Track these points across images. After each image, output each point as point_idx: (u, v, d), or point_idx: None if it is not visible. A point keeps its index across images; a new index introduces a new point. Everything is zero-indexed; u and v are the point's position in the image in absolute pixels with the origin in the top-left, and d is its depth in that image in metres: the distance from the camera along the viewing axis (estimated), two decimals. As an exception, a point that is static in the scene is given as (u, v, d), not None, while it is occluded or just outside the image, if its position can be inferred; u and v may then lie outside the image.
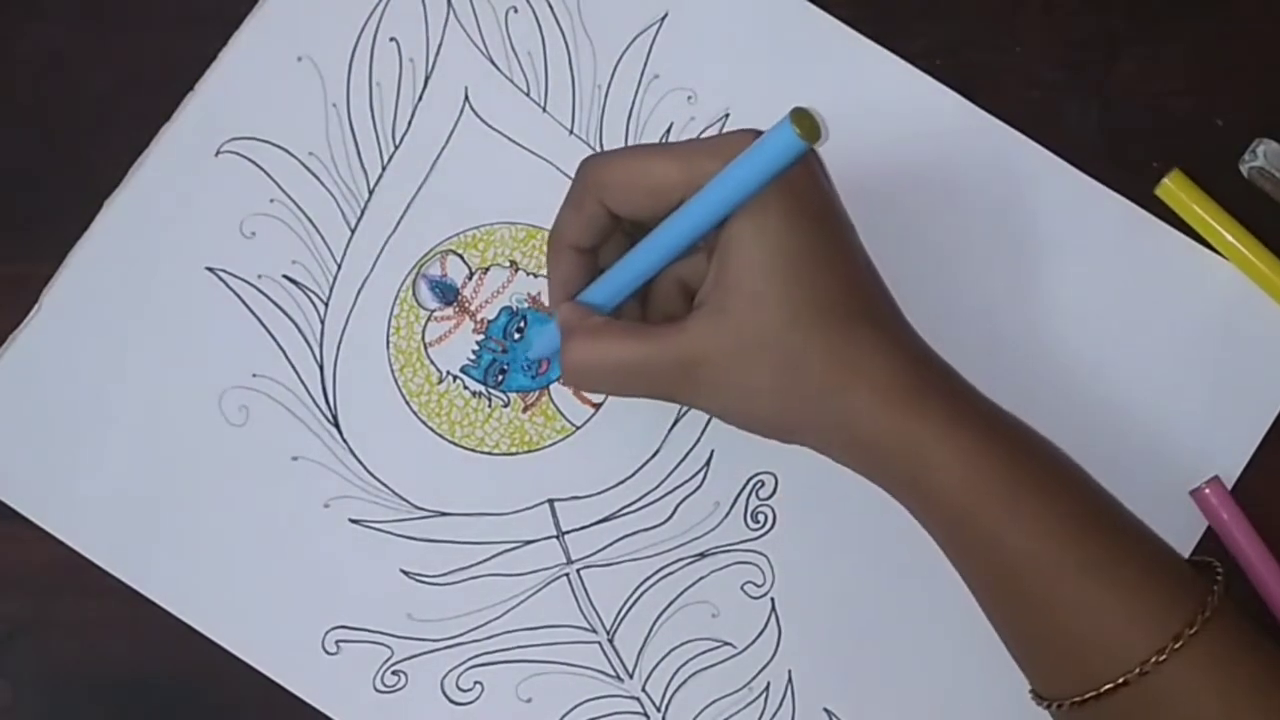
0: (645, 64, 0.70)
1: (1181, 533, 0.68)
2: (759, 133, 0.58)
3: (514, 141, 0.70)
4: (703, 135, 0.70)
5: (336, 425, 0.69)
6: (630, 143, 0.70)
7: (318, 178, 0.70)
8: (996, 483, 0.59)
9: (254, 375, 0.69)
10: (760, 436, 0.63)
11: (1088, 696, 0.58)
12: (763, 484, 0.69)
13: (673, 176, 0.60)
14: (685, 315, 0.61)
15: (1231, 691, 0.58)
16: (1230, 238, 0.69)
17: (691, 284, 0.63)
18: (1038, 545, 0.59)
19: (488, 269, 0.70)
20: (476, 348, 0.70)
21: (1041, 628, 0.60)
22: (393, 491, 0.69)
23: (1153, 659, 0.57)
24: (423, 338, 0.70)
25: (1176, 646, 0.57)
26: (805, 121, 0.56)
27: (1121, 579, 0.59)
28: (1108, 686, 0.58)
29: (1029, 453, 0.61)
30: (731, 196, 0.58)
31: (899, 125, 0.70)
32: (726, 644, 0.68)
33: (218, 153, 0.70)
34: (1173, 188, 0.69)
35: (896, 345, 0.60)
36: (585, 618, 0.68)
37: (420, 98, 0.70)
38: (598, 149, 0.70)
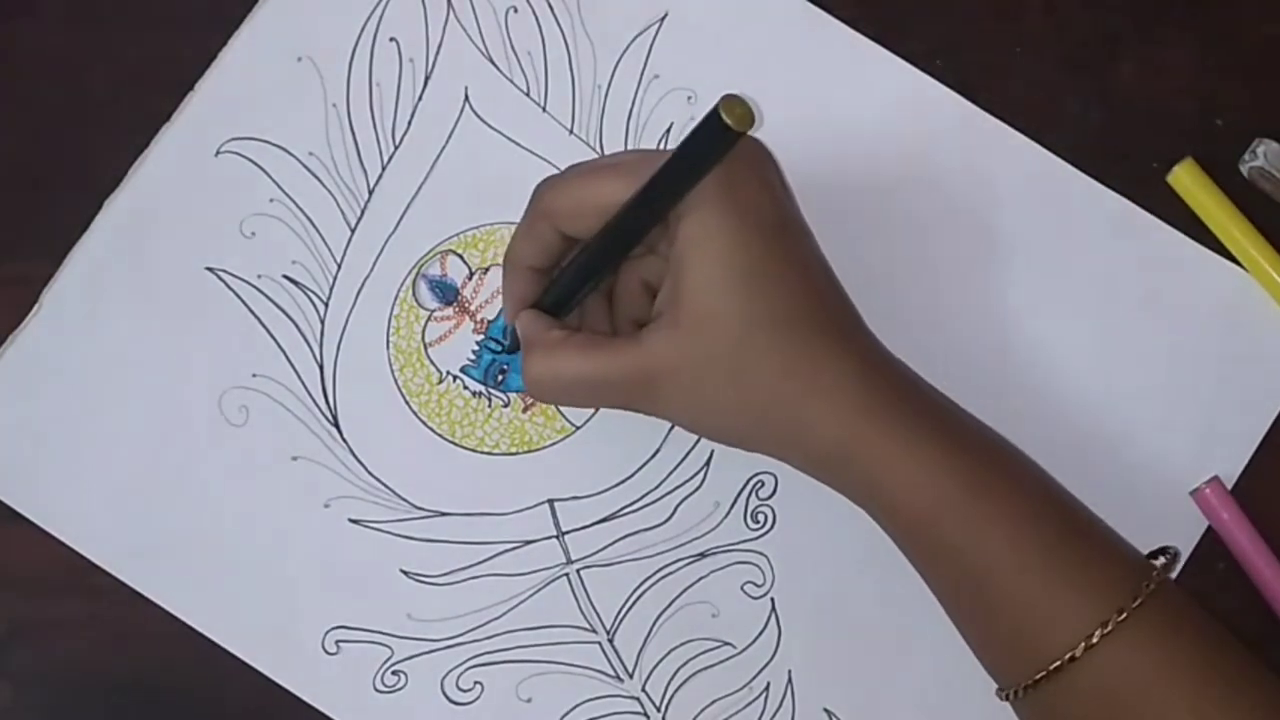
0: (645, 64, 0.70)
1: (1181, 533, 0.68)
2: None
3: (514, 141, 0.70)
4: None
5: (336, 425, 0.69)
6: (630, 144, 0.70)
7: (318, 178, 0.70)
8: (956, 494, 0.60)
9: (254, 375, 0.69)
10: (723, 446, 0.63)
11: (1039, 678, 0.59)
12: (763, 484, 0.69)
13: (620, 194, 0.60)
14: (647, 318, 0.61)
15: (1176, 663, 0.59)
16: (1239, 229, 0.69)
17: (653, 283, 0.63)
18: (999, 552, 0.59)
19: (488, 269, 0.70)
20: (476, 348, 0.70)
21: (1001, 625, 0.60)
22: (393, 491, 0.69)
23: (1097, 632, 0.58)
24: (423, 338, 0.70)
25: (1120, 619, 0.58)
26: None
27: (1074, 568, 0.59)
28: (1055, 665, 0.58)
29: (993, 461, 0.61)
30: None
31: (899, 125, 0.70)
32: (726, 644, 0.68)
33: (218, 153, 0.70)
34: (1184, 177, 0.69)
35: (852, 356, 0.61)
36: (585, 618, 0.68)
37: (420, 98, 0.70)
38: (598, 149, 0.70)
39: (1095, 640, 0.58)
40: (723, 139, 0.56)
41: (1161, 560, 0.62)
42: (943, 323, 0.66)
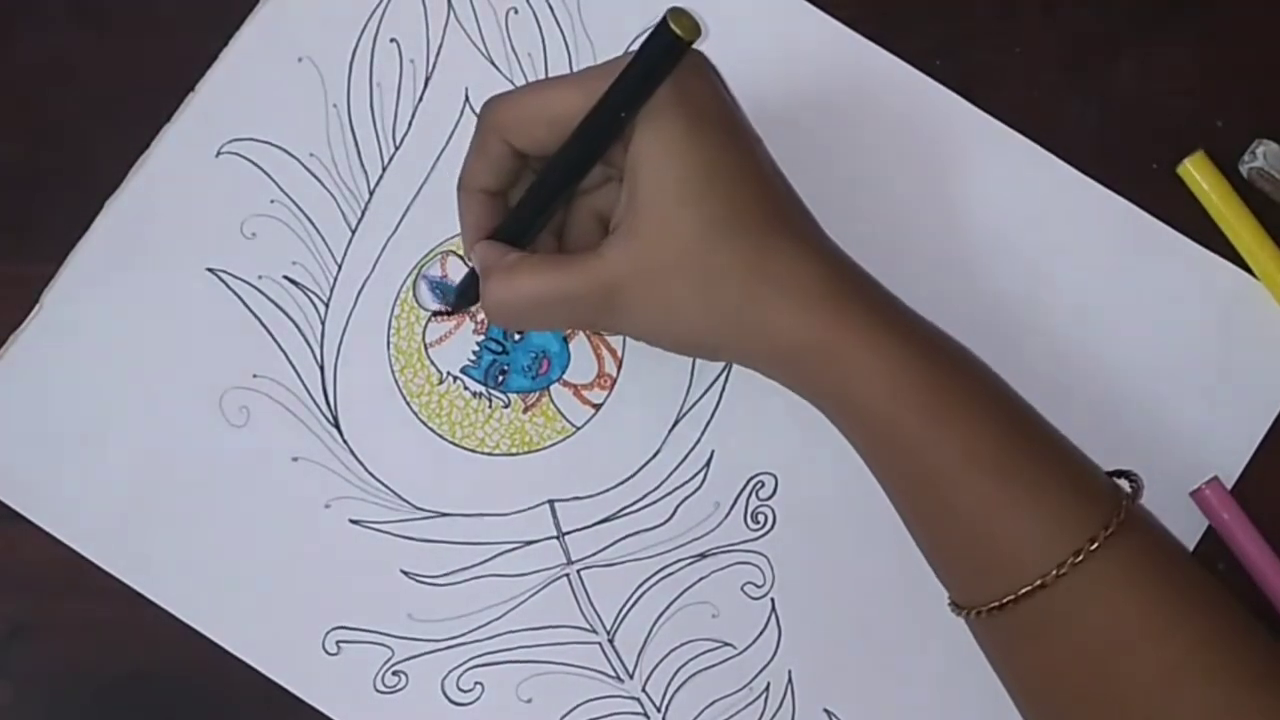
0: (645, 64, 0.70)
1: (1182, 533, 0.67)
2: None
3: (514, 142, 0.70)
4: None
5: (337, 426, 0.69)
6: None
7: (318, 178, 0.70)
8: (920, 390, 0.60)
9: (254, 376, 0.69)
10: (687, 356, 0.64)
11: (1005, 602, 0.59)
12: (763, 484, 0.69)
13: (570, 103, 0.60)
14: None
15: (1143, 597, 0.59)
16: (1246, 225, 0.68)
17: (606, 215, 0.63)
18: (958, 452, 0.59)
19: (488, 269, 0.70)
20: (477, 348, 0.70)
21: (961, 535, 0.60)
22: (393, 492, 0.69)
23: (1068, 562, 0.58)
24: (423, 338, 0.70)
25: (1092, 549, 0.58)
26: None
27: (1038, 486, 0.60)
28: (1025, 590, 0.59)
29: (952, 361, 0.62)
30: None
31: (899, 125, 0.70)
32: (726, 644, 0.68)
33: (218, 153, 0.70)
34: (1192, 170, 0.69)
35: (814, 254, 0.61)
36: (585, 618, 0.68)
37: (421, 98, 0.70)
38: (598, 149, 0.70)
39: (1065, 570, 0.58)
40: (673, 50, 0.57)
41: (1128, 485, 0.62)
42: (940, 323, 0.66)
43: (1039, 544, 0.59)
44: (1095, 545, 0.58)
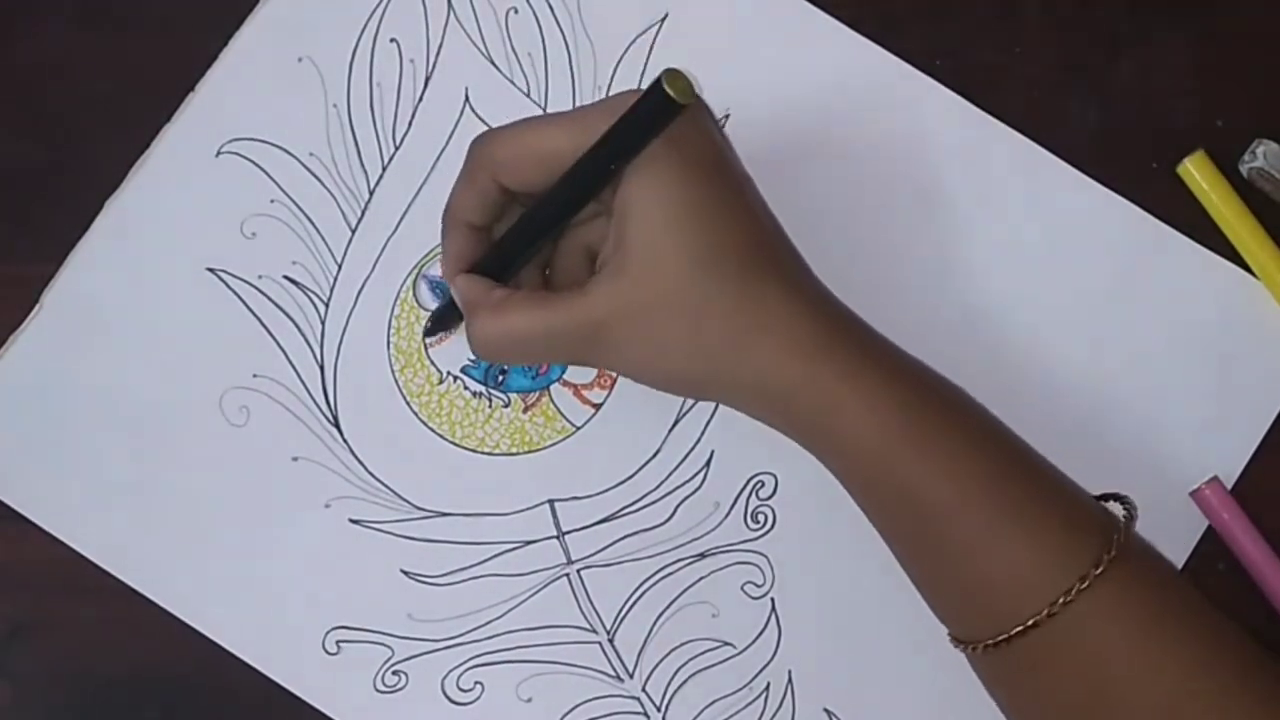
0: (645, 65, 0.70)
1: (1181, 533, 0.68)
2: (641, 91, 0.58)
3: (514, 142, 0.70)
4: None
5: (337, 425, 0.69)
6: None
7: (318, 178, 0.70)
8: (908, 430, 0.60)
9: (254, 376, 0.69)
10: (673, 394, 0.64)
11: (999, 639, 0.59)
12: (763, 484, 0.69)
13: (560, 144, 0.60)
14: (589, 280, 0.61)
15: (1138, 629, 0.59)
16: (1245, 225, 0.69)
17: (595, 249, 0.63)
18: (949, 492, 0.59)
19: (488, 269, 0.70)
20: (477, 348, 0.70)
21: (953, 572, 0.60)
22: (393, 491, 0.69)
23: (1060, 600, 0.58)
24: (423, 338, 0.70)
25: (1083, 587, 0.58)
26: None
27: (1030, 522, 0.60)
28: (1018, 629, 0.59)
29: (940, 399, 0.62)
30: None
31: (899, 125, 0.70)
32: (726, 644, 0.68)
33: (218, 153, 0.70)
34: (1192, 170, 0.69)
35: (800, 296, 0.61)
36: (585, 618, 0.68)
37: (420, 98, 0.70)
38: (598, 149, 0.70)
39: (1058, 609, 0.58)
40: (666, 111, 0.57)
41: (1123, 512, 0.62)
42: (937, 322, 0.66)
43: (1032, 581, 0.59)
44: (1086, 584, 0.58)
